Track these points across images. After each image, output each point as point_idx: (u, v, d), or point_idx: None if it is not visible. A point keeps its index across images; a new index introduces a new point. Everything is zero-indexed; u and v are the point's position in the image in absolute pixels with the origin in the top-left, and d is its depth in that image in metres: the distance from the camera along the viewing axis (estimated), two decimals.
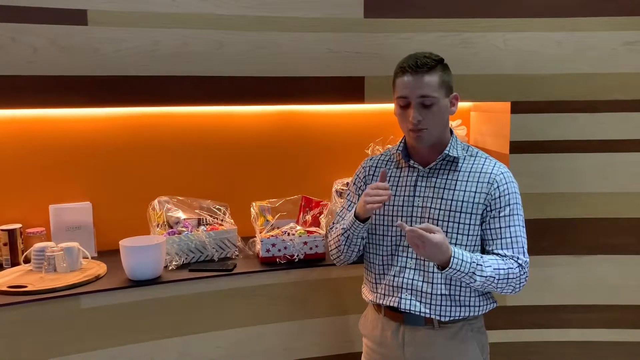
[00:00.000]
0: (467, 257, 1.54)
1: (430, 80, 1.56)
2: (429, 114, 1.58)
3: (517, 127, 2.31)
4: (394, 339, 1.70)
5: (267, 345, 2.20)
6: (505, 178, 1.63)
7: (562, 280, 2.40)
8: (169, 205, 2.34)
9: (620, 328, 2.42)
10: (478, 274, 1.54)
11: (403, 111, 1.61)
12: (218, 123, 2.54)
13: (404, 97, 1.59)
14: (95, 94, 2.12)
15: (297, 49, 2.25)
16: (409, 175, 1.69)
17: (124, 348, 2.01)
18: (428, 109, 1.57)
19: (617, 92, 2.30)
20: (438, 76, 1.58)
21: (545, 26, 2.28)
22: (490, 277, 1.55)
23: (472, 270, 1.54)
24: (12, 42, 2.01)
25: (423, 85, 1.56)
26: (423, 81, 1.56)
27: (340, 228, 1.73)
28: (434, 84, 1.57)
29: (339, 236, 1.73)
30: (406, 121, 1.61)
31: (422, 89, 1.56)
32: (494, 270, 1.56)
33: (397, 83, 1.62)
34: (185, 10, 2.15)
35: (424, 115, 1.57)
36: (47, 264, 2.10)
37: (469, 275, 1.54)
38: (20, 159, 2.33)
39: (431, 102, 1.57)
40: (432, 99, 1.57)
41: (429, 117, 1.58)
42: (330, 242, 1.80)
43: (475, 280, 1.55)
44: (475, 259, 1.55)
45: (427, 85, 1.56)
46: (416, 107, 1.57)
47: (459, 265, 1.53)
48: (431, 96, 1.56)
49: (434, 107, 1.57)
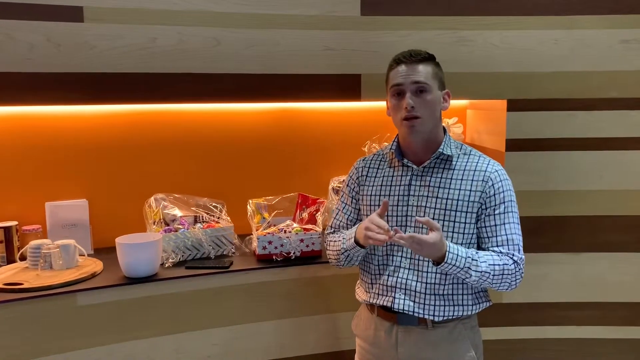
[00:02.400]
0: (462, 252, 1.55)
1: (424, 68, 1.60)
2: (422, 102, 1.59)
3: (514, 125, 2.31)
4: (387, 339, 1.69)
5: (263, 342, 2.20)
6: (500, 176, 1.63)
7: (559, 277, 2.41)
8: (165, 203, 2.33)
9: (617, 325, 2.43)
10: (473, 269, 1.55)
11: (397, 101, 1.62)
12: (214, 120, 2.54)
13: (398, 84, 1.60)
14: (92, 91, 2.12)
15: (293, 47, 2.25)
16: (403, 175, 1.69)
17: (121, 345, 2.01)
18: (422, 97, 1.59)
19: (614, 90, 2.31)
20: (431, 67, 1.61)
21: (541, 24, 2.28)
22: (486, 272, 1.56)
23: (467, 265, 1.54)
24: (8, 38, 2.01)
25: (417, 72, 1.59)
26: (417, 69, 1.59)
27: (341, 247, 1.72)
28: (427, 72, 1.60)
29: (340, 254, 1.74)
30: (400, 110, 1.61)
31: (416, 75, 1.58)
32: (489, 265, 1.56)
33: (391, 74, 1.64)
34: (182, 7, 2.14)
35: (417, 103, 1.58)
36: (43, 261, 2.10)
37: (464, 270, 1.55)
38: (16, 156, 2.32)
39: (424, 88, 1.58)
40: (426, 85, 1.58)
41: (422, 105, 1.59)
42: (329, 254, 1.81)
43: (470, 275, 1.55)
44: (470, 254, 1.56)
45: (421, 73, 1.59)
46: (410, 94, 1.59)
47: (454, 260, 1.53)
48: (425, 83, 1.58)
49: (428, 95, 1.59)
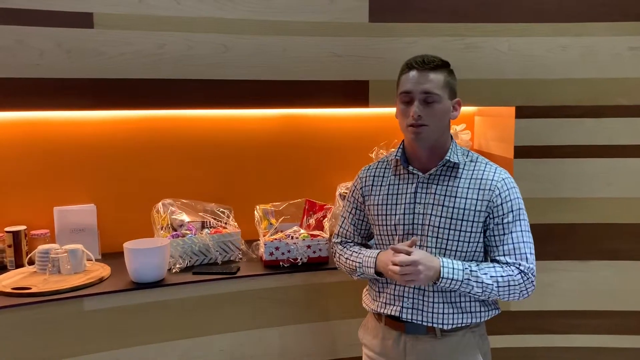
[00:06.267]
0: (458, 265, 1.54)
1: (435, 77, 1.55)
2: (430, 111, 1.56)
3: (522, 131, 2.31)
4: (395, 349, 1.68)
5: (270, 348, 2.20)
6: (507, 184, 1.61)
7: (566, 285, 2.39)
8: (173, 208, 2.34)
9: (625, 334, 2.41)
10: (474, 281, 1.53)
11: (405, 107, 1.59)
12: (222, 126, 2.55)
13: (408, 91, 1.58)
14: (101, 97, 2.13)
15: (301, 53, 2.25)
16: (409, 183, 1.67)
17: (127, 350, 2.01)
18: (430, 107, 1.56)
19: (622, 97, 2.30)
20: (443, 76, 1.57)
21: (549, 31, 2.28)
22: (488, 284, 1.53)
23: (466, 277, 1.53)
24: (18, 44, 2.02)
25: (428, 80, 1.55)
26: (428, 77, 1.55)
27: (357, 269, 1.72)
28: (438, 81, 1.56)
29: (353, 273, 1.75)
30: (407, 117, 1.59)
31: (426, 84, 1.55)
32: (491, 277, 1.54)
33: (402, 79, 1.61)
34: (191, 14, 2.16)
35: (425, 112, 1.56)
36: (51, 265, 2.10)
37: (465, 283, 1.53)
38: (25, 161, 2.34)
39: (433, 99, 1.55)
40: (435, 96, 1.55)
41: (430, 114, 1.56)
42: (340, 265, 1.82)
43: (472, 288, 1.54)
44: (467, 266, 1.54)
45: (432, 82, 1.55)
46: (418, 103, 1.56)
47: (451, 274, 1.52)
48: (434, 93, 1.55)
49: (436, 105, 1.56)
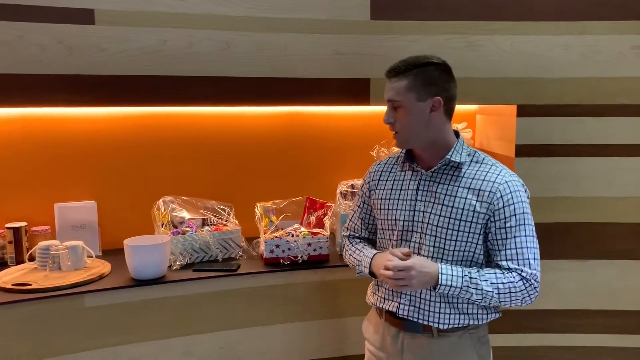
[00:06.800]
0: (457, 272, 1.53)
1: (397, 84, 1.60)
2: (398, 117, 1.63)
3: (523, 130, 2.31)
4: (393, 345, 1.69)
5: (270, 346, 2.20)
6: (510, 187, 1.57)
7: (566, 284, 2.39)
8: (173, 205, 2.34)
9: (624, 334, 2.41)
10: (473, 288, 1.52)
11: None
12: (223, 123, 2.55)
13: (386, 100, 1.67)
14: (102, 93, 2.13)
15: (303, 51, 2.25)
16: (412, 179, 1.68)
17: (128, 347, 2.02)
18: (398, 112, 1.62)
19: (624, 96, 2.30)
20: (407, 80, 1.59)
21: (552, 29, 2.28)
22: (488, 291, 1.52)
23: (465, 284, 1.52)
24: (20, 40, 2.02)
25: (390, 88, 1.62)
26: (391, 85, 1.62)
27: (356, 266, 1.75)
28: (399, 87, 1.60)
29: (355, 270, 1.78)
30: None
31: (389, 92, 1.63)
32: (491, 284, 1.53)
33: None
34: (192, 10, 2.15)
35: (395, 118, 1.63)
36: (51, 262, 2.10)
37: (464, 290, 1.53)
38: (26, 157, 2.33)
39: (399, 104, 1.61)
40: (397, 102, 1.61)
41: (398, 119, 1.62)
42: (346, 261, 1.85)
43: (471, 294, 1.53)
44: (467, 272, 1.53)
45: (393, 89, 1.61)
46: (389, 110, 1.64)
47: (449, 281, 1.52)
48: (395, 100, 1.61)
49: (402, 109, 1.61)
